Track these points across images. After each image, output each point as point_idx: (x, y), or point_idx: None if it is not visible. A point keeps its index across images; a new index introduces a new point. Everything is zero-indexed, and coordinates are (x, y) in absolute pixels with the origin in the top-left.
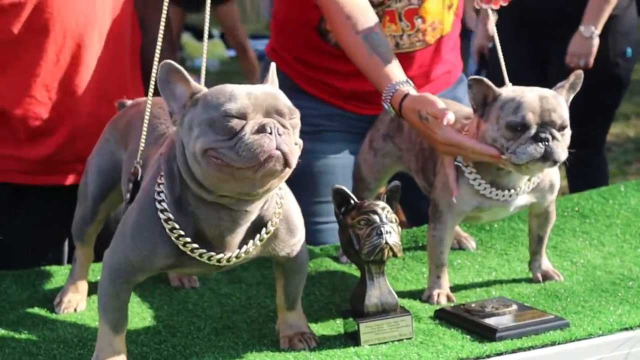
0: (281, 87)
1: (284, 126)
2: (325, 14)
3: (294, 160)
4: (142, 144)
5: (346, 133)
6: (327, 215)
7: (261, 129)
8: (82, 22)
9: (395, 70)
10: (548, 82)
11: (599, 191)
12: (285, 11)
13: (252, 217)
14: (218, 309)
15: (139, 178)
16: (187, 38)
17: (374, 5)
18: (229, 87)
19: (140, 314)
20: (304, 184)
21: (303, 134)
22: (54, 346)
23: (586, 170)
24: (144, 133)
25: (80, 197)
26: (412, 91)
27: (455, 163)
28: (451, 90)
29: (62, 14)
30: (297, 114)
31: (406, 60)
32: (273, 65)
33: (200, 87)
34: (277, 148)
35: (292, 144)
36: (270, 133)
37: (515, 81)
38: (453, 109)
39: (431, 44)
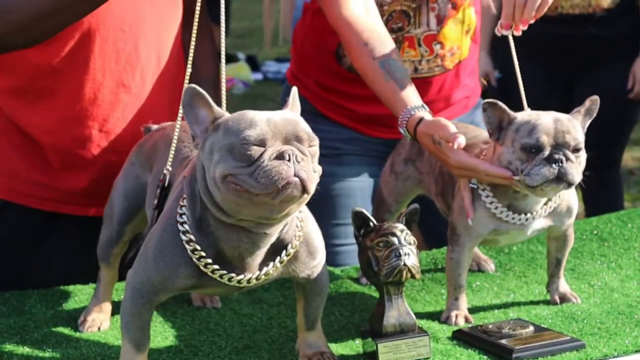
0: (301, 111)
1: (302, 153)
2: (342, 41)
3: (312, 187)
4: (171, 157)
5: (365, 156)
6: (345, 238)
7: (280, 156)
8: (123, 62)
9: (411, 96)
10: (574, 107)
11: (618, 215)
12: (304, 35)
13: (272, 239)
14: (239, 328)
15: (166, 184)
16: None
17: (393, 31)
18: (250, 114)
19: (162, 333)
20: (323, 206)
21: (322, 157)
22: None
23: (602, 192)
24: (173, 145)
25: (106, 219)
26: (427, 116)
27: (470, 185)
28: (469, 114)
29: (103, 52)
30: (316, 141)
31: (425, 85)
32: (294, 90)
33: (223, 112)
34: (295, 175)
35: (311, 171)
36: (289, 160)
37: (535, 108)
38: (472, 133)
39: (450, 69)
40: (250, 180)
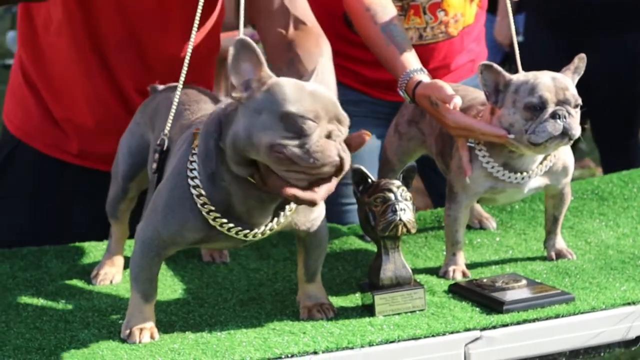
0: None
1: (342, 133)
2: (345, 6)
3: (347, 167)
4: (171, 118)
5: (372, 118)
6: (352, 197)
7: (329, 135)
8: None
9: (410, 59)
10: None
11: (619, 175)
12: (312, 1)
13: (279, 199)
14: (245, 282)
15: (165, 148)
16: None
17: (398, 0)
18: (308, 87)
19: (172, 287)
20: None
21: None
22: (89, 314)
23: (620, 159)
24: (174, 107)
25: (113, 176)
26: (425, 78)
27: (468, 144)
28: (474, 78)
29: None
30: (349, 122)
31: (430, 51)
32: (323, 64)
33: (271, 73)
34: (338, 155)
35: (348, 153)
36: (334, 140)
37: None
38: (471, 95)
39: (454, 35)
40: (299, 152)
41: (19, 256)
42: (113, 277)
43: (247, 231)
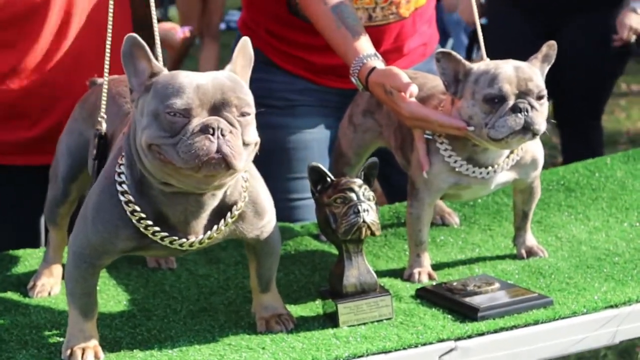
0: (254, 61)
1: (231, 124)
2: None
3: (237, 162)
4: (104, 105)
5: (320, 107)
6: (304, 192)
7: (204, 129)
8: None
9: (363, 44)
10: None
11: (584, 164)
12: None
13: (215, 203)
14: (195, 290)
15: (103, 133)
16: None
17: None
18: (180, 78)
19: (115, 297)
20: (279, 160)
21: (276, 109)
22: (26, 332)
23: (582, 142)
24: (103, 103)
25: (52, 178)
26: (380, 65)
27: (425, 136)
28: (427, 62)
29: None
30: (250, 108)
31: (380, 33)
32: (241, 43)
33: (161, 67)
34: (218, 150)
35: (238, 145)
36: (213, 134)
37: (518, 59)
38: (431, 84)
39: (406, 17)
40: (172, 153)
41: None
42: (51, 288)
43: (183, 240)
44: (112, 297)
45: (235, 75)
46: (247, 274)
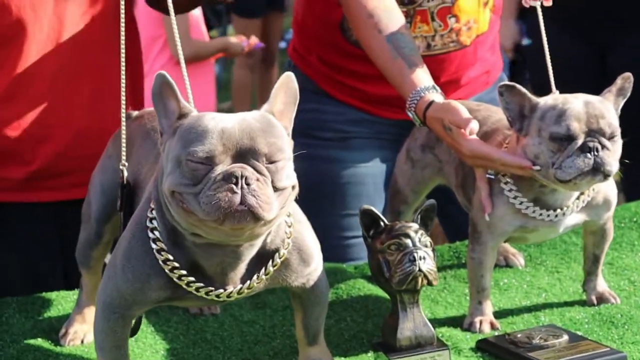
0: (303, 90)
1: (259, 172)
2: (345, 12)
3: (265, 214)
4: (124, 148)
5: (375, 139)
6: (357, 230)
7: (227, 178)
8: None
9: (420, 75)
10: (608, 80)
11: None
12: (306, 8)
13: (253, 252)
14: (239, 339)
15: (125, 182)
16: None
17: (404, 4)
18: (204, 121)
19: (153, 346)
20: (331, 195)
21: (329, 142)
22: None
23: None
24: (124, 148)
25: (84, 218)
26: (438, 98)
27: (487, 176)
28: (490, 91)
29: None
30: (283, 154)
31: (439, 63)
32: (285, 78)
33: (190, 109)
34: (242, 201)
35: (266, 194)
36: (236, 183)
37: (569, 83)
38: (495, 117)
39: (467, 45)
40: (194, 203)
41: None
42: (84, 335)
43: (220, 291)
44: (149, 346)
45: (270, 116)
46: (294, 321)
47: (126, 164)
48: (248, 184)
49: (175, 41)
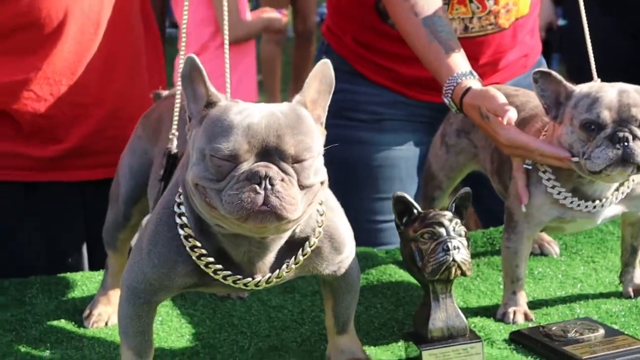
0: (337, 71)
1: (284, 171)
2: None
3: (289, 215)
4: (176, 118)
5: (409, 122)
6: (390, 214)
7: (251, 177)
8: (86, 13)
9: (457, 60)
10: None
11: None
12: None
13: (281, 243)
14: (266, 324)
15: (172, 152)
16: None
17: None
18: (230, 115)
19: (178, 330)
20: (363, 178)
21: (362, 123)
22: None
23: None
24: (176, 117)
25: (112, 199)
26: (475, 84)
27: (524, 166)
28: (528, 75)
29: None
30: (310, 152)
31: (476, 46)
32: (320, 66)
33: (218, 97)
34: (265, 202)
35: (290, 195)
36: (260, 183)
37: (605, 69)
38: (534, 102)
39: (505, 27)
40: (217, 199)
41: None
42: (109, 318)
43: (248, 280)
44: (174, 329)
45: (301, 109)
46: (323, 307)
47: (176, 133)
48: (272, 185)
49: (224, 23)
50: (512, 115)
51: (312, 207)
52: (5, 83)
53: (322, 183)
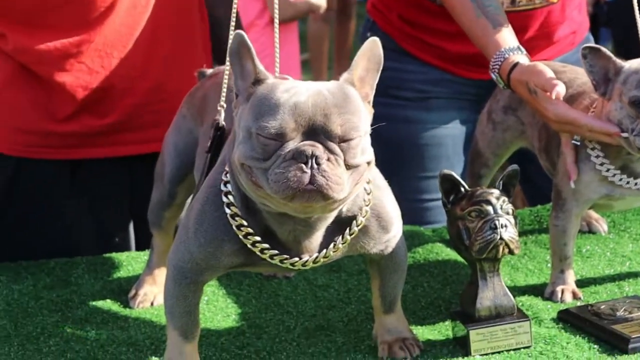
0: (383, 49)
1: (330, 151)
2: None
3: (335, 194)
4: (224, 91)
5: (456, 100)
6: (436, 192)
7: (297, 156)
8: None
9: (505, 35)
10: None
11: None
12: None
13: (327, 222)
14: (312, 304)
15: (220, 124)
16: None
17: None
18: (277, 93)
19: (224, 310)
20: (410, 157)
21: (408, 102)
22: (123, 349)
23: None
24: (224, 89)
25: (157, 178)
26: (523, 60)
27: (573, 142)
28: (576, 52)
29: None
30: (357, 132)
31: (524, 19)
32: (369, 44)
33: (266, 74)
34: (311, 181)
35: (337, 174)
36: (306, 162)
37: None
38: (582, 79)
39: (554, 2)
40: (263, 178)
41: (45, 270)
42: (154, 298)
43: (295, 260)
44: (220, 309)
45: (348, 87)
46: (370, 286)
47: (224, 105)
48: (318, 164)
49: (275, 2)
50: (560, 89)
51: (358, 187)
52: (58, 56)
53: (368, 163)
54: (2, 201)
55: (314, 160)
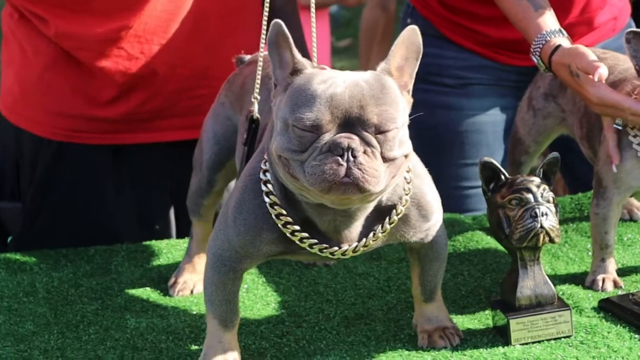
0: (423, 35)
1: (367, 143)
2: None
3: (371, 187)
4: (257, 86)
5: (496, 86)
6: (477, 179)
7: (333, 148)
8: None
9: (546, 19)
10: None
11: None
12: None
13: (367, 212)
14: (352, 292)
15: (255, 116)
16: None
17: None
18: (314, 85)
19: (264, 298)
20: (450, 144)
21: (448, 88)
22: (162, 338)
23: None
24: (258, 81)
25: (196, 165)
26: (565, 42)
27: (615, 126)
28: (617, 38)
29: None
30: (394, 123)
31: (565, 3)
32: (408, 32)
33: (304, 64)
34: (347, 175)
35: (373, 167)
36: (342, 155)
37: None
38: (623, 65)
39: None
40: (299, 170)
41: (85, 258)
42: (194, 286)
43: (335, 249)
44: (260, 298)
45: (386, 78)
46: (410, 274)
47: (258, 97)
48: (355, 156)
49: None
50: (603, 72)
51: (395, 179)
52: (97, 41)
53: (406, 156)
54: (44, 186)
55: (349, 153)
